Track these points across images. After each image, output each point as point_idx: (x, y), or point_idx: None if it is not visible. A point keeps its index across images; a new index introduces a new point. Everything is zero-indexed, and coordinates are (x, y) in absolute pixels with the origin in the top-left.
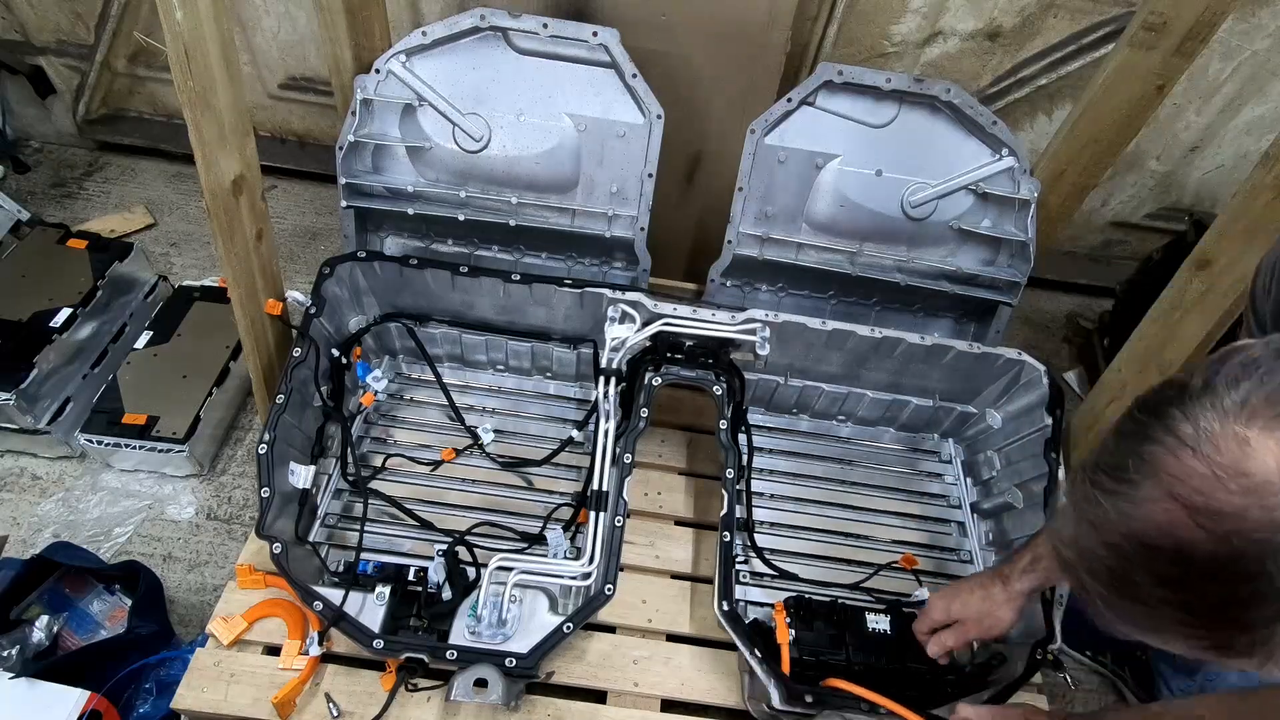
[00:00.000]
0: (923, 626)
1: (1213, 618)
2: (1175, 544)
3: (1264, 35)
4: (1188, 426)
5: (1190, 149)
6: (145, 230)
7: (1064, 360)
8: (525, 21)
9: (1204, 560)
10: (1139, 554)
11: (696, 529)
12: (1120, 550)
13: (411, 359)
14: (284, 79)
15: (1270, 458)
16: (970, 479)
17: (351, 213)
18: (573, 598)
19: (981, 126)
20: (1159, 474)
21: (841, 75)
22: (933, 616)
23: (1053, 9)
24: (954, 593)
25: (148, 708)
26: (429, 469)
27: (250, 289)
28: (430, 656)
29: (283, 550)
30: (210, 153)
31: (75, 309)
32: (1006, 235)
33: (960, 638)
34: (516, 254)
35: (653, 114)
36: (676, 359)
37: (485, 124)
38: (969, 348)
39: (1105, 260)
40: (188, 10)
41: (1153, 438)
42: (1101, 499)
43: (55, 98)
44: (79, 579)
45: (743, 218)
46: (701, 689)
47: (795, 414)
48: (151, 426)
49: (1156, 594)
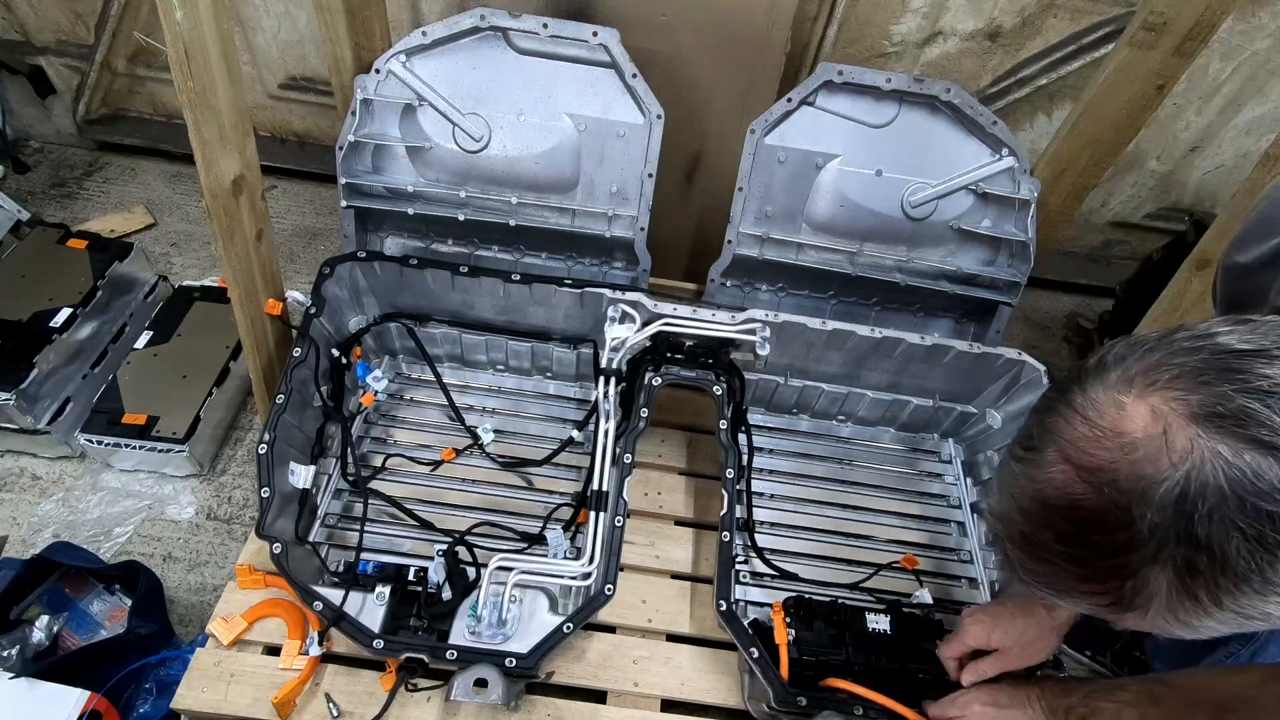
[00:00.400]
0: (954, 652)
1: (1100, 568)
2: (1069, 501)
3: (1264, 35)
4: (1079, 397)
5: (1190, 149)
6: (145, 230)
7: (1064, 360)
8: (525, 21)
9: (1089, 513)
10: (1042, 514)
11: (696, 529)
12: (1029, 513)
13: (411, 359)
14: (284, 79)
15: (1140, 419)
16: (970, 479)
17: (351, 213)
18: (573, 598)
19: (981, 126)
20: (1057, 439)
21: (841, 75)
22: (967, 643)
23: (1053, 9)
24: (993, 618)
25: (148, 708)
26: (429, 469)
27: (250, 289)
28: (430, 656)
29: (283, 550)
30: (210, 153)
31: (75, 309)
32: (1006, 235)
33: (1000, 667)
34: (516, 254)
35: (653, 114)
36: (676, 359)
37: (485, 124)
38: (969, 348)
39: (1105, 260)
40: (188, 10)
41: (1054, 409)
42: (1015, 468)
43: (55, 98)
44: (79, 579)
45: (743, 218)
46: (701, 689)
47: (795, 414)
48: (151, 426)
49: (1057, 550)
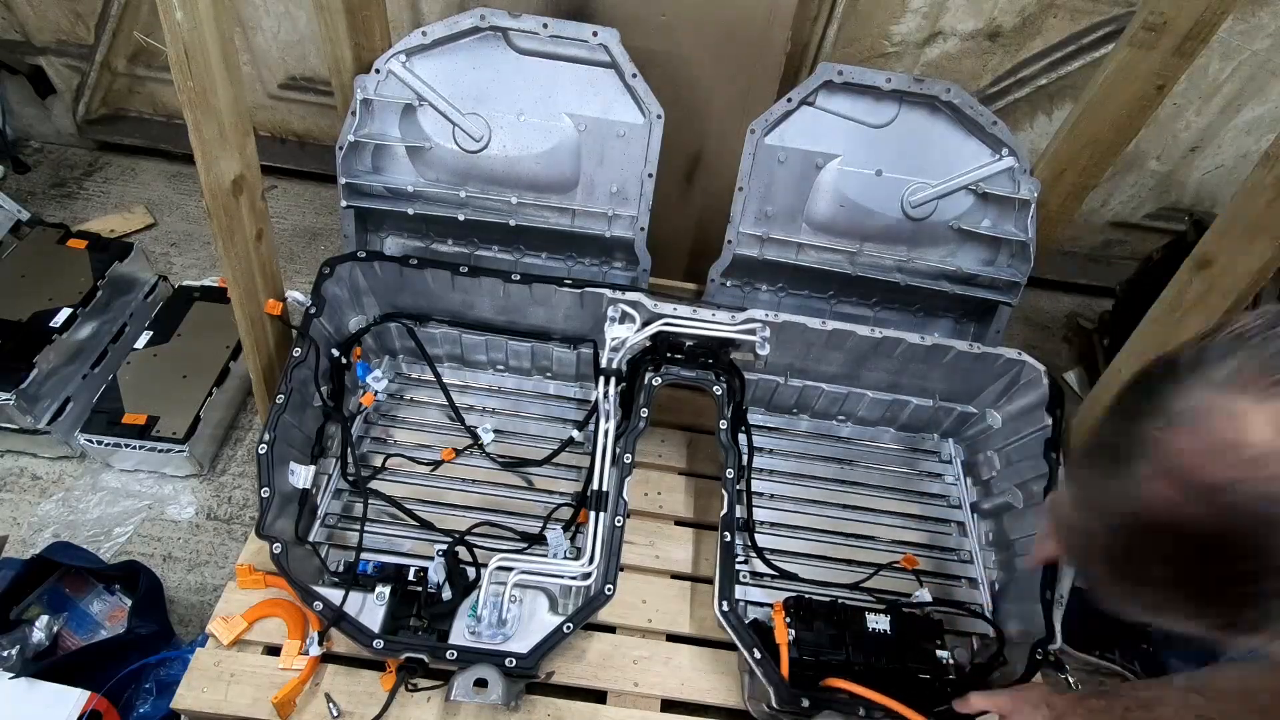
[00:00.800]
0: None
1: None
2: (1174, 522)
3: (1264, 35)
4: (1179, 402)
5: (1190, 149)
6: (145, 230)
7: (1064, 360)
8: (525, 21)
9: (1204, 537)
10: (1139, 535)
11: (696, 529)
12: (1120, 532)
13: (411, 359)
14: (284, 79)
15: (1265, 428)
16: (970, 479)
17: (351, 213)
18: (573, 598)
19: (981, 126)
20: (1153, 452)
21: (841, 75)
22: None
23: (1053, 9)
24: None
25: (148, 708)
26: (429, 469)
27: (250, 289)
28: (430, 656)
29: (283, 550)
30: (210, 153)
31: (75, 309)
32: (1006, 235)
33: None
34: (516, 254)
35: (653, 114)
36: (676, 359)
37: (485, 124)
38: (969, 348)
39: (1105, 260)
40: (188, 10)
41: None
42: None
43: (55, 98)
44: (79, 579)
45: (743, 218)
46: (701, 689)
47: (795, 414)
48: (151, 426)
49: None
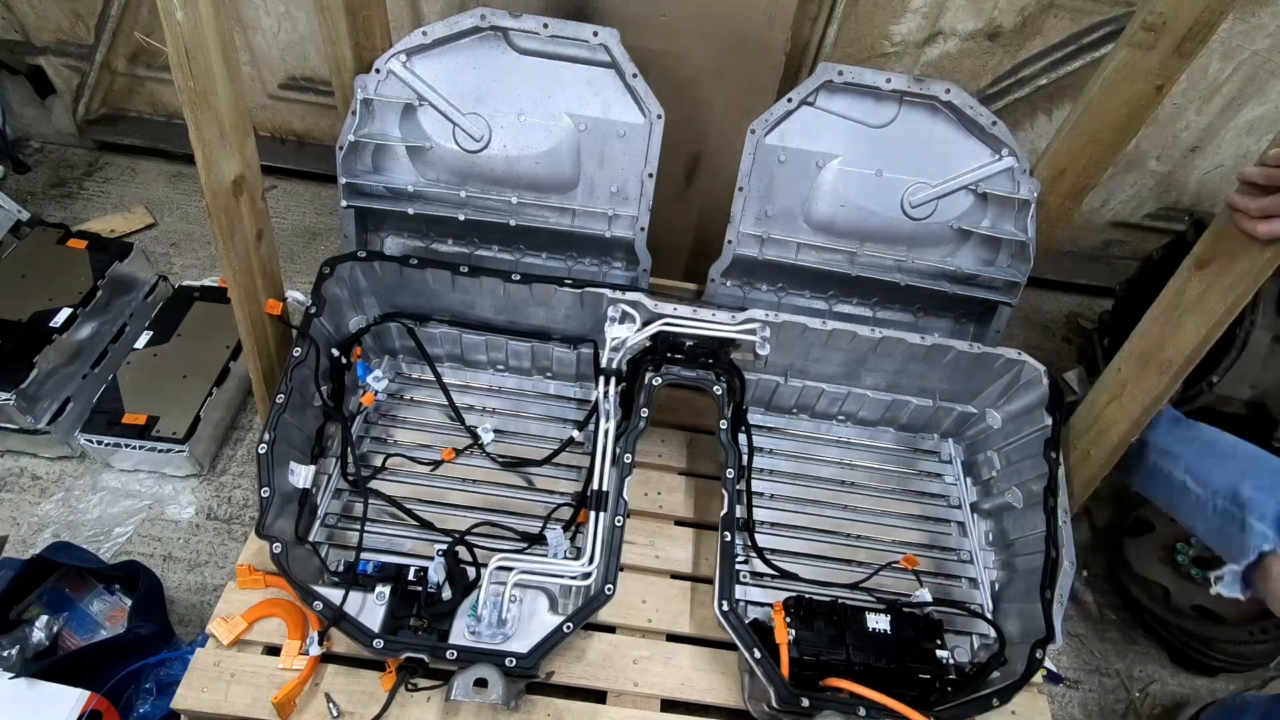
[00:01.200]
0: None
1: None
2: None
3: (1264, 35)
4: None
5: (1190, 149)
6: (145, 230)
7: (1064, 360)
8: (525, 21)
9: None
10: None
11: (696, 529)
12: None
13: (411, 359)
14: (284, 79)
15: None
16: (970, 479)
17: (351, 212)
18: (573, 598)
19: (981, 126)
20: None
21: (841, 75)
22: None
23: (1053, 9)
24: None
25: (148, 708)
26: (429, 469)
27: (250, 289)
28: (430, 656)
29: (283, 550)
30: (210, 153)
31: (75, 309)
32: (1006, 235)
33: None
34: (516, 254)
35: (653, 114)
36: (676, 359)
37: (485, 124)
38: (969, 348)
39: (1105, 260)
40: (188, 10)
41: None
42: None
43: (55, 98)
44: (79, 579)
45: (743, 218)
46: (701, 689)
47: (795, 414)
48: (151, 426)
49: None
